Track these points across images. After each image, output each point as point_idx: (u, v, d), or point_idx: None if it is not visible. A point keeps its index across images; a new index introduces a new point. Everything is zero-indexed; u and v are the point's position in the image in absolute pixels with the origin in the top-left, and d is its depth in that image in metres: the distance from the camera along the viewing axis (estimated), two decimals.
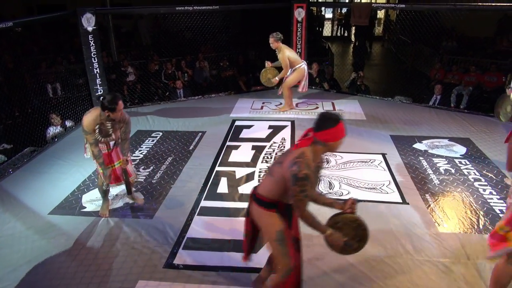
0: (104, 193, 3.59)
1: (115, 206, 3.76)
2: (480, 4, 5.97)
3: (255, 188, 2.28)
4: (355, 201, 2.26)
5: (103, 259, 3.04)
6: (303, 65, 5.89)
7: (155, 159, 4.72)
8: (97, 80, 6.21)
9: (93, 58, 6.08)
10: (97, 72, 6.18)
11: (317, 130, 2.04)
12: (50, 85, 7.25)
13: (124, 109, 3.27)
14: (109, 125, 3.27)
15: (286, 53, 5.74)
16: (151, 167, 4.52)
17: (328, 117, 2.04)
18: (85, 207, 3.76)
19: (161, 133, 5.51)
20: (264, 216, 2.19)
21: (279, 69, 6.00)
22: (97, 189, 4.05)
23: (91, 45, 6.01)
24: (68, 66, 7.63)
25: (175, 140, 5.28)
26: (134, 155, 4.83)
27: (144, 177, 4.30)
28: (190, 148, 5.03)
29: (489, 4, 5.85)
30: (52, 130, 5.56)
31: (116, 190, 4.02)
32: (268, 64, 6.04)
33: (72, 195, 3.97)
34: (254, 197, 2.24)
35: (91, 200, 3.87)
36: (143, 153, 4.89)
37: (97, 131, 3.22)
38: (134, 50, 9.53)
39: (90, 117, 3.17)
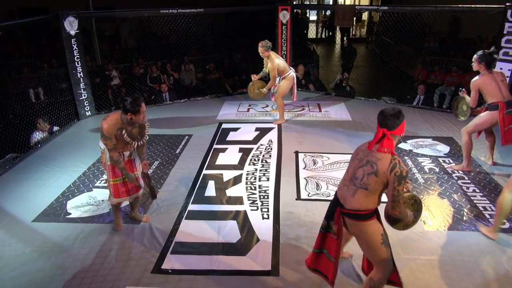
0: (116, 208, 3.36)
1: (102, 212, 3.70)
2: (461, 6, 6.10)
3: (340, 205, 2.30)
4: (408, 181, 2.37)
5: (90, 266, 3.00)
6: (292, 72, 5.64)
7: None
8: (81, 84, 6.13)
9: (76, 62, 6.00)
10: (80, 76, 6.09)
11: (393, 128, 2.15)
12: (32, 90, 7.13)
13: (107, 113, 3.20)
14: (135, 128, 3.12)
15: (276, 62, 5.44)
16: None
17: (397, 111, 2.16)
18: (70, 214, 3.70)
19: (147, 137, 5.44)
20: (368, 227, 2.23)
21: (266, 79, 5.84)
22: (82, 195, 4.01)
23: (74, 49, 5.93)
24: (50, 71, 7.51)
25: (161, 144, 5.24)
26: None
27: None
28: (177, 151, 5.00)
29: (469, 6, 5.97)
30: (38, 136, 5.46)
31: (103, 195, 3.97)
32: (254, 77, 5.81)
33: (57, 202, 3.90)
34: (349, 215, 2.25)
35: (76, 206, 3.81)
36: None
37: (125, 135, 3.06)
38: (118, 53, 9.44)
39: (110, 122, 3.01)
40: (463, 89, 4.23)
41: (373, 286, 2.35)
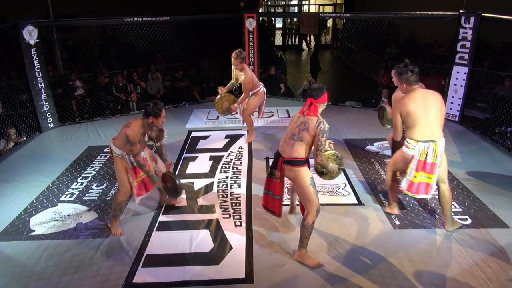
0: (120, 211, 3.44)
1: (68, 228, 3.56)
2: (419, 13, 6.39)
3: (281, 155, 2.97)
4: (331, 142, 3.18)
5: (56, 285, 2.87)
6: (262, 87, 5.24)
7: (109, 175, 4.54)
8: (42, 95, 5.91)
9: (37, 73, 5.78)
10: (42, 87, 5.87)
11: (318, 97, 2.90)
12: None
13: (72, 125, 3.14)
14: (153, 132, 3.34)
15: (250, 74, 5.07)
16: (105, 184, 4.34)
17: (320, 86, 2.96)
18: (33, 231, 3.53)
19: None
20: (301, 171, 2.92)
21: (236, 93, 5.58)
22: (46, 210, 3.84)
23: (34, 59, 5.71)
24: (9, 82, 7.18)
25: None
26: (86, 172, 4.63)
27: (98, 195, 4.12)
28: None
29: (426, 13, 6.27)
30: (2, 145, 5.22)
31: (69, 210, 3.83)
32: (221, 90, 5.23)
33: (19, 219, 3.71)
34: (288, 162, 2.93)
35: (41, 223, 3.64)
36: (96, 170, 4.69)
37: (146, 138, 3.30)
38: (81, 63, 9.16)
39: (134, 128, 3.19)
40: (385, 100, 4.35)
41: (305, 224, 2.94)
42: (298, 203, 3.28)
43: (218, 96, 5.26)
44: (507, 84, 6.33)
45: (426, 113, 3.13)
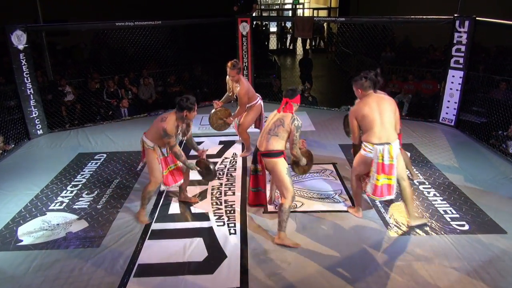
0: (148, 200, 3.69)
1: (57, 237, 3.46)
2: (413, 17, 6.38)
3: (259, 150, 3.32)
4: (304, 140, 3.50)
5: None
6: (259, 100, 4.97)
7: (100, 183, 4.44)
8: (31, 101, 5.78)
9: (25, 78, 5.65)
10: (30, 92, 5.75)
11: (293, 97, 3.30)
12: None
13: (62, 131, 3.04)
14: (185, 125, 3.54)
15: (246, 86, 4.80)
16: (96, 192, 4.24)
17: (295, 88, 3.41)
18: (21, 241, 3.42)
19: (105, 155, 5.21)
20: (278, 162, 3.26)
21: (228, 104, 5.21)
22: (34, 219, 3.73)
23: (23, 64, 5.59)
24: None
25: (120, 161, 5.02)
26: (76, 180, 4.52)
27: (88, 203, 4.01)
28: (138, 168, 4.79)
29: (421, 17, 6.26)
30: None
31: (58, 219, 3.72)
32: (216, 104, 4.92)
33: (6, 228, 3.60)
34: (266, 155, 3.28)
35: (29, 232, 3.53)
36: (86, 177, 4.58)
37: (179, 132, 3.51)
38: (71, 68, 9.03)
39: (170, 122, 3.40)
40: (351, 107, 4.21)
41: (283, 209, 3.22)
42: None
43: (213, 111, 4.96)
44: (502, 88, 6.33)
45: (380, 117, 3.24)
